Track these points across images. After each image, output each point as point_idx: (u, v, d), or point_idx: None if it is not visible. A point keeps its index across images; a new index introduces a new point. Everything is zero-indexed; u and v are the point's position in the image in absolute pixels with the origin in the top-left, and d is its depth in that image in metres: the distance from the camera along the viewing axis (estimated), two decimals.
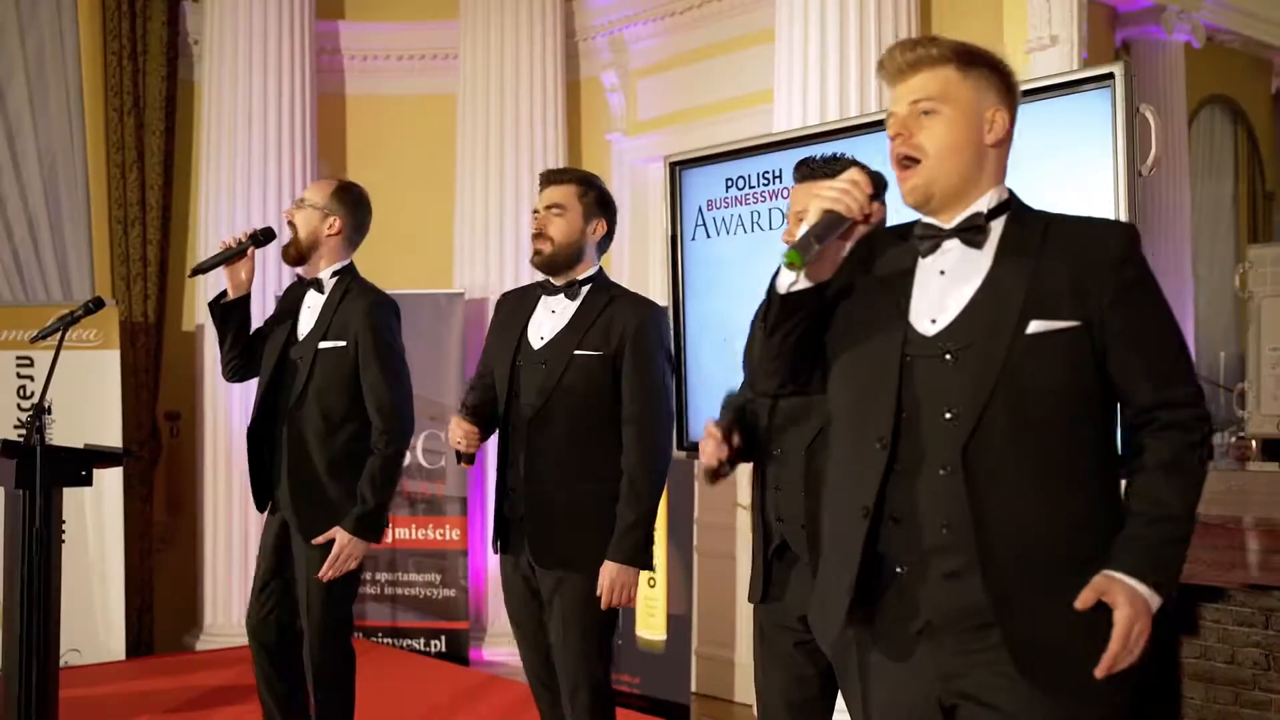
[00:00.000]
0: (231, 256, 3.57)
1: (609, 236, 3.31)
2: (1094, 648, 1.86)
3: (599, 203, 3.26)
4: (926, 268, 2.02)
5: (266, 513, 3.68)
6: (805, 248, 1.92)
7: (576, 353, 3.17)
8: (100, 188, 6.50)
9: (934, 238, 2.01)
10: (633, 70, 6.48)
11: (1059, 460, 1.89)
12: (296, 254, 3.62)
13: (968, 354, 1.91)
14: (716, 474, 2.68)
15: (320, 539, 3.51)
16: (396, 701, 5.05)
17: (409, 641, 6.03)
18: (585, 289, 3.24)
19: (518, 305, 3.34)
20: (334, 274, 3.64)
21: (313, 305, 3.64)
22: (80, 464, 3.39)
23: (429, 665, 5.81)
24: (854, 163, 2.63)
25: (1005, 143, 2.02)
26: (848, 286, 2.09)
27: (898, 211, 2.15)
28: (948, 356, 1.93)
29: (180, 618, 6.70)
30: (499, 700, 5.14)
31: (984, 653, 1.90)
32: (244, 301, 3.65)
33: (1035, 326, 1.88)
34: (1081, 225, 2.00)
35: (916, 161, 1.97)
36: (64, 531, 3.45)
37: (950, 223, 2.00)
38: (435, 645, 6.01)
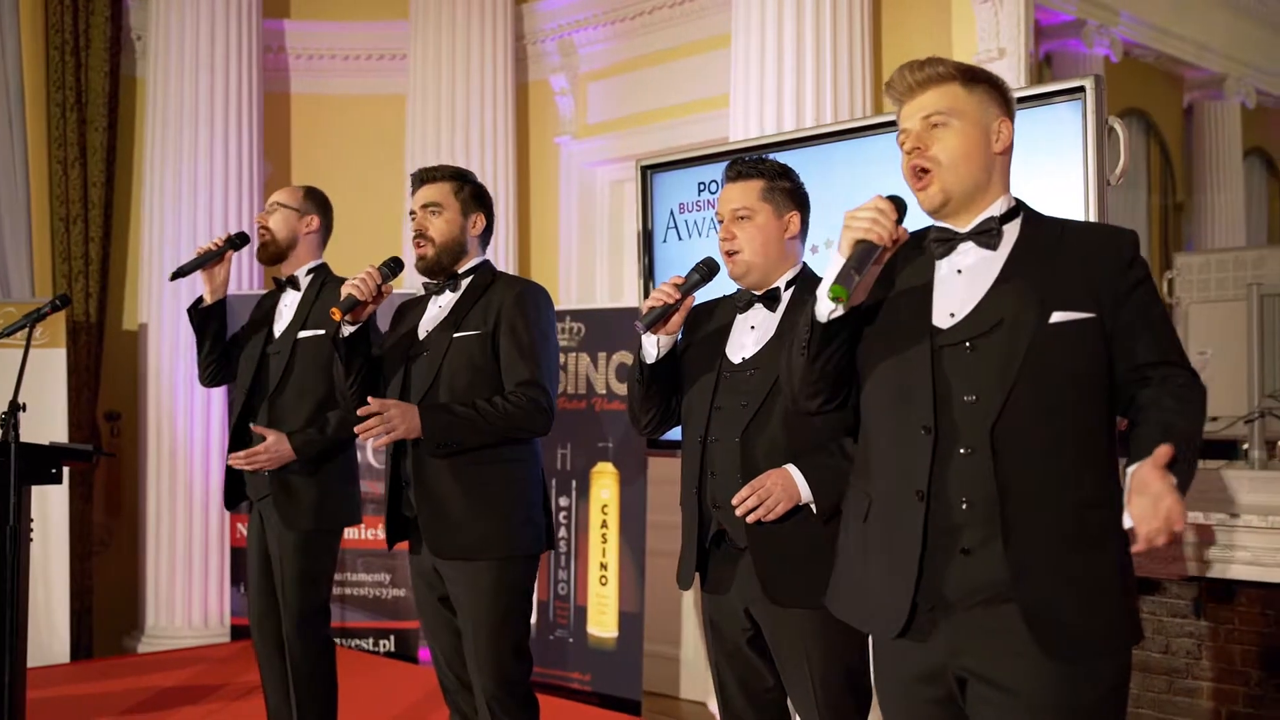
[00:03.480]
0: (210, 260, 3.61)
1: (489, 229, 3.33)
2: (1103, 628, 2.00)
3: (475, 197, 3.29)
4: (944, 268, 2.16)
5: (251, 514, 3.71)
6: (847, 280, 2.03)
7: (456, 335, 3.18)
8: (41, 184, 6.42)
9: (949, 240, 2.15)
10: (582, 74, 6.54)
11: (1074, 442, 2.03)
12: (275, 252, 3.67)
13: (984, 342, 2.05)
14: (659, 316, 2.68)
15: (258, 429, 3.56)
16: (349, 700, 5.03)
17: (357, 641, 6.03)
18: (467, 280, 3.27)
19: (412, 309, 3.38)
20: (309, 271, 3.72)
21: (290, 303, 3.70)
22: (51, 462, 3.39)
23: (380, 664, 5.80)
24: (783, 165, 2.78)
25: (1009, 152, 2.19)
26: (872, 299, 2.20)
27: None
28: (966, 345, 2.07)
29: (119, 620, 6.64)
30: None
31: (993, 629, 2.01)
32: (221, 305, 3.69)
33: (1057, 317, 2.03)
34: (1093, 229, 2.20)
35: (929, 172, 2.11)
36: (31, 530, 3.43)
37: (965, 227, 2.15)
38: (384, 645, 6.01)
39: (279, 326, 3.69)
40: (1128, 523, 1.87)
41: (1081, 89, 2.99)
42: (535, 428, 3.16)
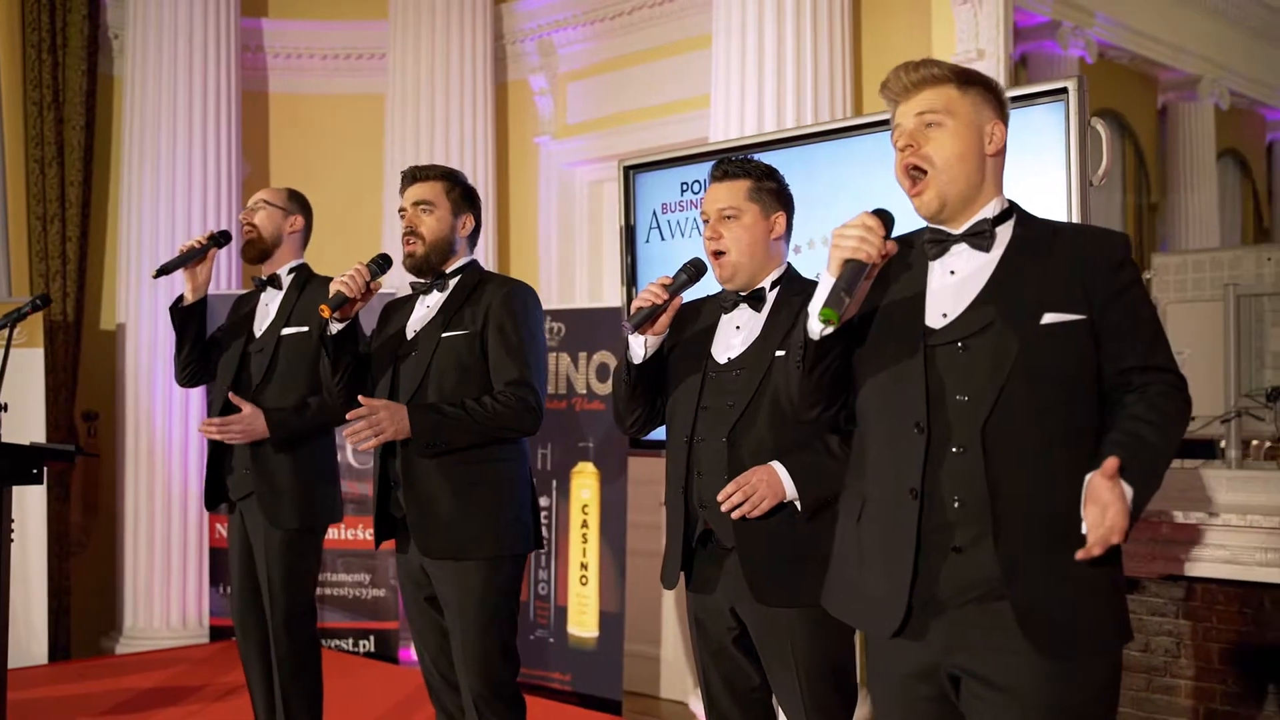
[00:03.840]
0: (193, 258, 3.60)
1: (477, 231, 3.34)
2: (1094, 626, 2.02)
3: (465, 198, 3.30)
4: (937, 270, 2.18)
5: (230, 514, 3.70)
6: (838, 303, 2.03)
7: (444, 335, 3.18)
8: (18, 183, 6.38)
9: (942, 242, 2.17)
10: (562, 74, 6.54)
11: (1063, 442, 2.04)
12: (261, 249, 3.67)
13: (976, 342, 2.07)
14: (648, 316, 2.68)
15: (236, 399, 3.54)
16: (330, 701, 5.01)
17: (337, 642, 6.01)
18: (454, 280, 3.26)
19: (398, 309, 3.38)
20: (290, 270, 3.72)
21: (270, 302, 3.70)
22: (32, 462, 3.37)
23: (360, 664, 5.79)
24: (769, 166, 2.78)
25: (1002, 154, 2.20)
26: (867, 304, 2.21)
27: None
28: (959, 344, 2.08)
29: (96, 621, 6.60)
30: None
31: (986, 626, 2.03)
32: (202, 304, 3.68)
33: (1049, 318, 2.05)
34: (1085, 231, 2.21)
35: (924, 173, 2.12)
36: (13, 532, 3.40)
37: (958, 229, 2.16)
38: (364, 645, 5.99)
39: (261, 324, 3.68)
40: (1083, 528, 1.91)
41: (1064, 90, 3.01)
42: (524, 427, 3.16)
